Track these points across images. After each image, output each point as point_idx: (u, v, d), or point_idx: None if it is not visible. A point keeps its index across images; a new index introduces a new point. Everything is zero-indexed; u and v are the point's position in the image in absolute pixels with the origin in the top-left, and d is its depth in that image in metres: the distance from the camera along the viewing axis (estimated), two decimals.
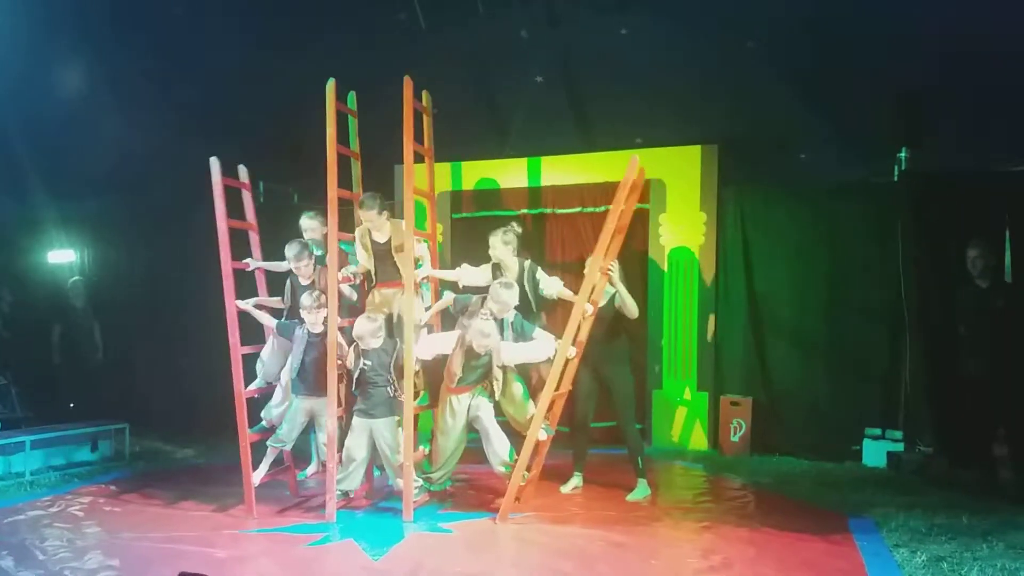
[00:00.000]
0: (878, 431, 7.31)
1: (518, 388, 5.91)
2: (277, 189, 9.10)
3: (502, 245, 6.11)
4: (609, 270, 5.97)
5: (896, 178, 7.37)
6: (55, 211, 9.71)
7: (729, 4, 7.40)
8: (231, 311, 5.98)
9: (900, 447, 7.17)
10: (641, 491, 6.24)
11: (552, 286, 6.13)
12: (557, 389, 5.84)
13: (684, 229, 7.94)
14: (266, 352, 6.23)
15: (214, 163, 6.08)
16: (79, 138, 8.83)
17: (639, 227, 8.16)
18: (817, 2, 7.15)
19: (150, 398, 9.25)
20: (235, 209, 6.34)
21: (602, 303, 6.11)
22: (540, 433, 5.72)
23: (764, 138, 7.81)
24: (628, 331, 6.41)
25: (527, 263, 6.21)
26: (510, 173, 8.38)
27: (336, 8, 8.21)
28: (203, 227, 9.15)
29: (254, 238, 6.47)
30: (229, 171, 6.28)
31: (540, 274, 6.17)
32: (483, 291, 6.00)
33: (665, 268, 8.01)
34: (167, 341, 9.35)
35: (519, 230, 6.29)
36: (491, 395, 5.85)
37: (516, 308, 5.94)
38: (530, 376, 6.37)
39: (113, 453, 7.51)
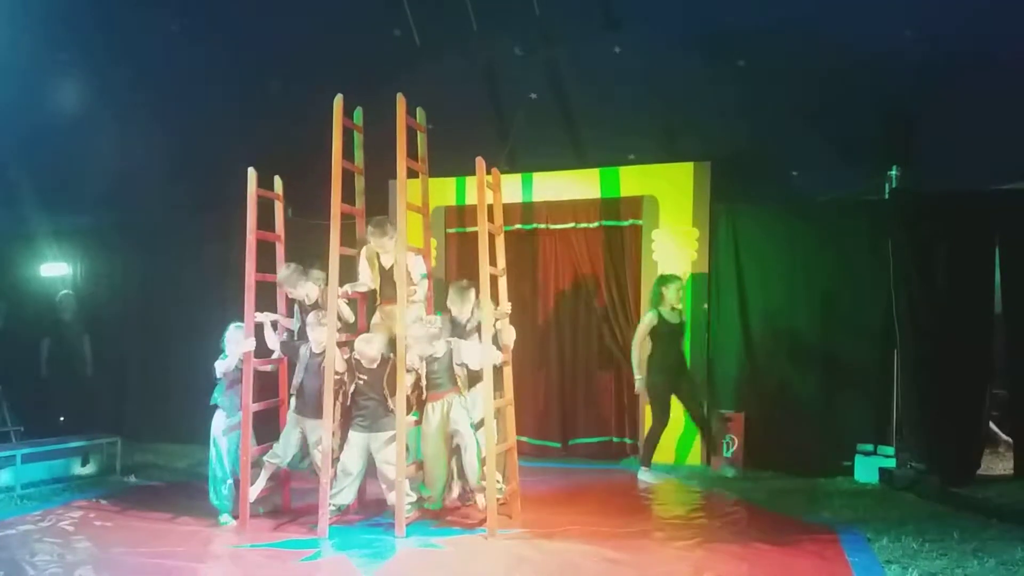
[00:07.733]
0: (870, 447, 7.33)
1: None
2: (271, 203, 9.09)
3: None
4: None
5: (887, 196, 7.43)
6: (49, 225, 9.71)
7: (721, 23, 7.46)
8: (249, 324, 5.94)
9: (892, 463, 7.19)
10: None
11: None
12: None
13: (677, 245, 7.99)
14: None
15: (251, 173, 6.03)
16: (74, 153, 8.82)
17: (632, 243, 8.23)
18: (809, 21, 7.20)
19: (142, 412, 9.24)
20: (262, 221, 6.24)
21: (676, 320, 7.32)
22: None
23: (756, 155, 7.87)
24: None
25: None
26: (503, 188, 8.38)
27: (331, 24, 8.23)
28: (195, 241, 9.29)
29: (280, 250, 6.42)
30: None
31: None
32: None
33: None
34: (159, 355, 9.33)
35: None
36: (465, 400, 5.85)
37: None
38: None
39: (104, 467, 7.47)
